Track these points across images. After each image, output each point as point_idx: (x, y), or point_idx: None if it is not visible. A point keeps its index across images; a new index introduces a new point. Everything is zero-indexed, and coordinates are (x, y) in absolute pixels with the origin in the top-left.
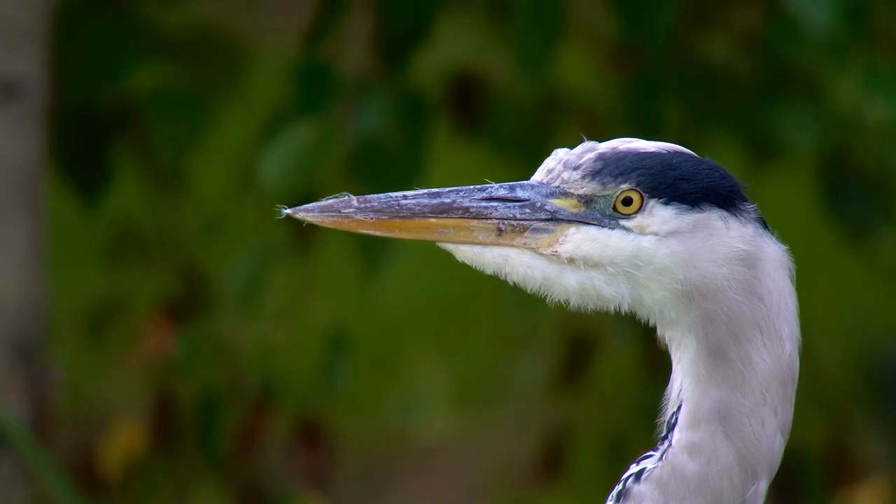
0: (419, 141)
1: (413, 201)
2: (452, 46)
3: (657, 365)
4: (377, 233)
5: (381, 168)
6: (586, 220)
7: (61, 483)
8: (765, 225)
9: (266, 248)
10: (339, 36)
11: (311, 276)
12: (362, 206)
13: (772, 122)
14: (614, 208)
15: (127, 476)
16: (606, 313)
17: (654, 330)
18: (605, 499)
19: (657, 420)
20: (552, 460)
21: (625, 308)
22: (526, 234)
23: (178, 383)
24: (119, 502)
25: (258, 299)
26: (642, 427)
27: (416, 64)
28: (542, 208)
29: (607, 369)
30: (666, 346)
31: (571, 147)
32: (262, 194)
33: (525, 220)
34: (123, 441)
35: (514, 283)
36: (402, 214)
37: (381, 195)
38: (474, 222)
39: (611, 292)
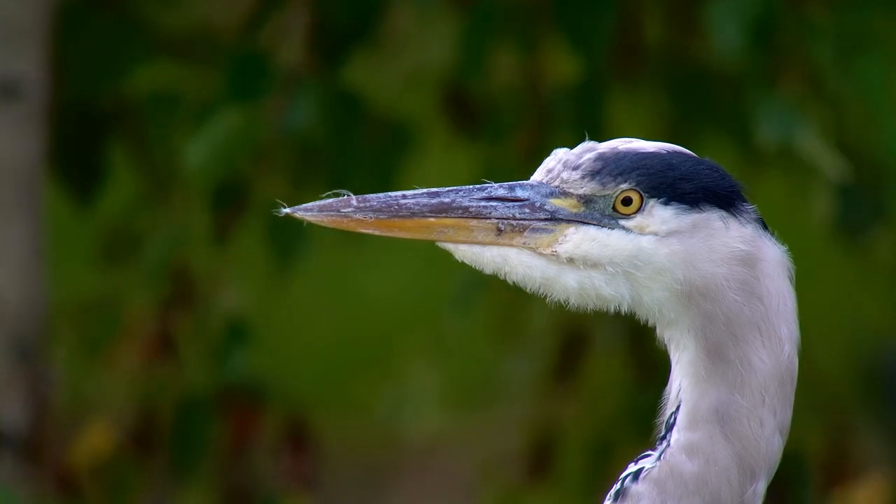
0: (351, 141)
1: (412, 201)
2: (446, 48)
3: (645, 366)
4: (376, 232)
5: (306, 164)
6: (586, 220)
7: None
8: (764, 225)
9: (179, 232)
10: (278, 28)
11: (227, 263)
12: (361, 205)
13: (751, 120)
14: (614, 208)
15: (96, 476)
16: (596, 313)
17: (642, 330)
18: (602, 498)
19: (646, 420)
20: (541, 458)
21: (624, 308)
22: (525, 233)
23: (162, 383)
24: (90, 502)
25: (165, 283)
26: (630, 427)
27: (400, 69)
28: (541, 208)
29: (596, 369)
30: (665, 345)
31: (569, 145)
32: (186, 178)
33: (524, 219)
34: (92, 441)
35: (514, 283)
36: (401, 214)
37: (381, 194)
38: (474, 222)
39: (610, 292)
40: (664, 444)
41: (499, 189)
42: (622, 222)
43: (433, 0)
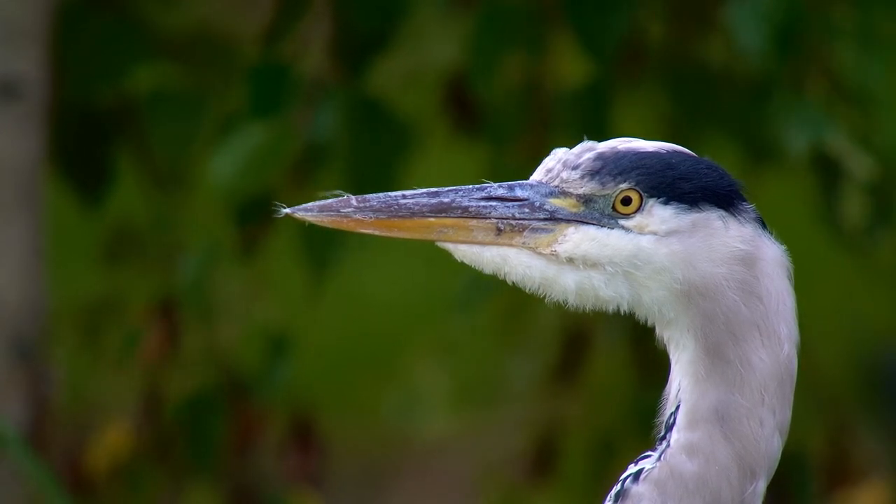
0: (377, 148)
1: (412, 200)
2: (449, 46)
3: (648, 365)
4: (376, 232)
5: (334, 173)
6: (585, 220)
7: (53, 487)
8: (763, 225)
9: (212, 247)
10: (298, 37)
11: (258, 276)
12: (361, 205)
13: (767, 123)
14: (613, 208)
15: (114, 477)
16: (598, 313)
17: (645, 330)
18: (603, 499)
19: (649, 420)
20: (545, 458)
21: (623, 308)
22: (525, 233)
23: (170, 384)
24: (106, 503)
25: (205, 298)
26: (633, 427)
27: (401, 68)
28: (541, 208)
29: (599, 369)
30: (664, 345)
31: (571, 146)
32: (213, 193)
33: (524, 219)
34: (110, 442)
35: (513, 283)
36: (400, 214)
37: (381, 194)
38: (473, 222)
39: (609, 292)
40: (664, 444)
41: (498, 189)
42: (622, 222)
43: (444, 1)
